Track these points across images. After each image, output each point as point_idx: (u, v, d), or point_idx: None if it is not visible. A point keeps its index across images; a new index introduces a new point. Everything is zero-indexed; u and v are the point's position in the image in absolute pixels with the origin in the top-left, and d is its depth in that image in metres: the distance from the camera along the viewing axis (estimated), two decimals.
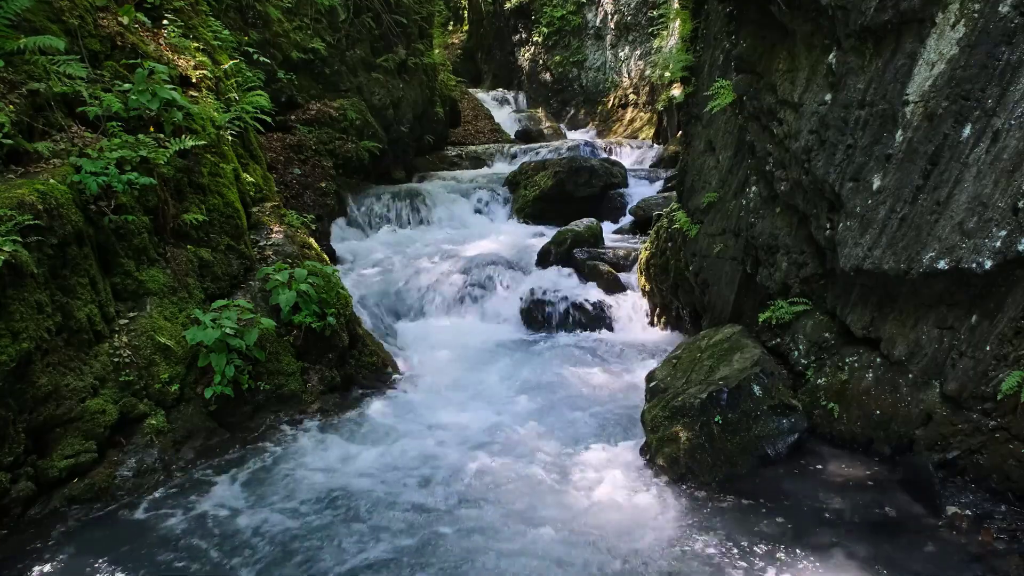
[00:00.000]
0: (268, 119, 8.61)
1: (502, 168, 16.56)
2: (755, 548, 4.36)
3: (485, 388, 7.25)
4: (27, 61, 5.47)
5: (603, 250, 10.76)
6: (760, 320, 6.35)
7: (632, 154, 18.17)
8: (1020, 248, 4.43)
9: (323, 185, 11.67)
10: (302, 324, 6.64)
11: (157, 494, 5.11)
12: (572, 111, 25.21)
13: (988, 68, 4.51)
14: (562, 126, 23.62)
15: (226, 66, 8.23)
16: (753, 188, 6.78)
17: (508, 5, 26.28)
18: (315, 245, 8.13)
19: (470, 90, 23.83)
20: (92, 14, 6.36)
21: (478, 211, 14.00)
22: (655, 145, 18.79)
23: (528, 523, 4.73)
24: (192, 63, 7.27)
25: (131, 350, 5.47)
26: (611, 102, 24.14)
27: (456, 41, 29.97)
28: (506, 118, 23.11)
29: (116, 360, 5.35)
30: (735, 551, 4.34)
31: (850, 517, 4.64)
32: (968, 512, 4.50)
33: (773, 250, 6.43)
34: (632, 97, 23.40)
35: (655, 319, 9.17)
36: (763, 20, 6.10)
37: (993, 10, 4.48)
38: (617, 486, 5.17)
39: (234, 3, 11.42)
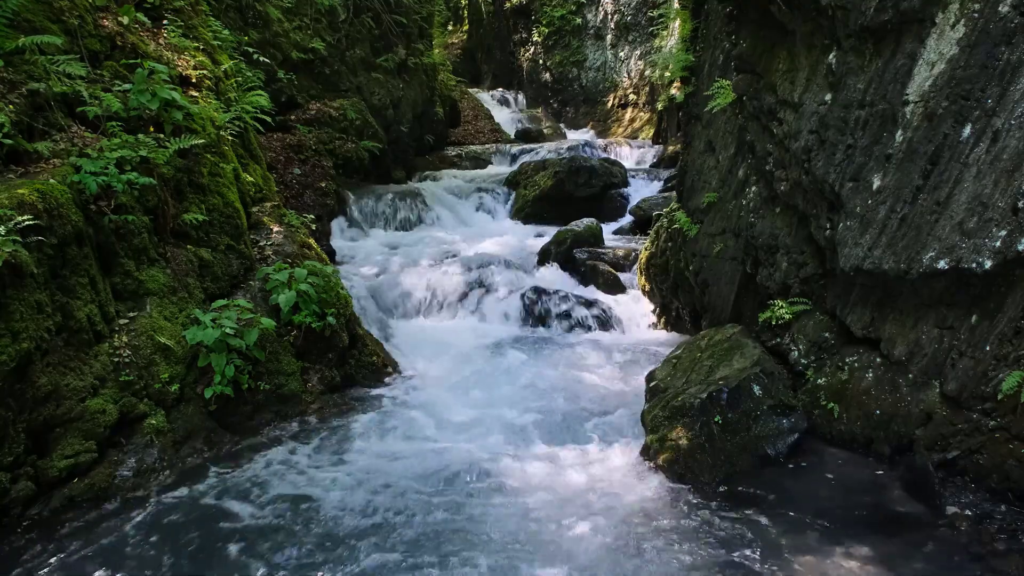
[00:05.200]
0: (268, 119, 8.61)
1: (502, 168, 16.58)
2: (755, 548, 4.36)
3: (485, 388, 7.25)
4: (27, 61, 5.47)
5: (603, 250, 10.76)
6: (760, 320, 6.35)
7: (632, 154, 18.19)
8: (1020, 248, 4.43)
9: (323, 185, 11.68)
10: (302, 324, 6.64)
11: (157, 494, 5.11)
12: (572, 111, 25.21)
13: (988, 68, 4.51)
14: (562, 126, 23.63)
15: (226, 66, 8.23)
16: (753, 188, 6.78)
17: (508, 5, 26.28)
18: (315, 245, 8.13)
19: (470, 90, 23.85)
20: (92, 14, 6.37)
21: (478, 211, 14.02)
22: (655, 145, 18.79)
23: (526, 523, 4.73)
24: (192, 63, 7.27)
25: (131, 350, 5.47)
26: (611, 102, 24.14)
27: (456, 41, 29.98)
28: (506, 118, 23.13)
29: (116, 360, 5.35)
30: (735, 551, 4.34)
31: (850, 517, 4.64)
32: (968, 512, 4.50)
33: (773, 250, 6.43)
34: (632, 97, 23.40)
35: (655, 319, 9.17)
36: (763, 20, 6.10)
37: (993, 10, 4.48)
38: (617, 486, 5.17)
39: (234, 3, 11.43)
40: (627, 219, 13.06)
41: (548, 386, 7.22)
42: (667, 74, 16.52)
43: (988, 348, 4.67)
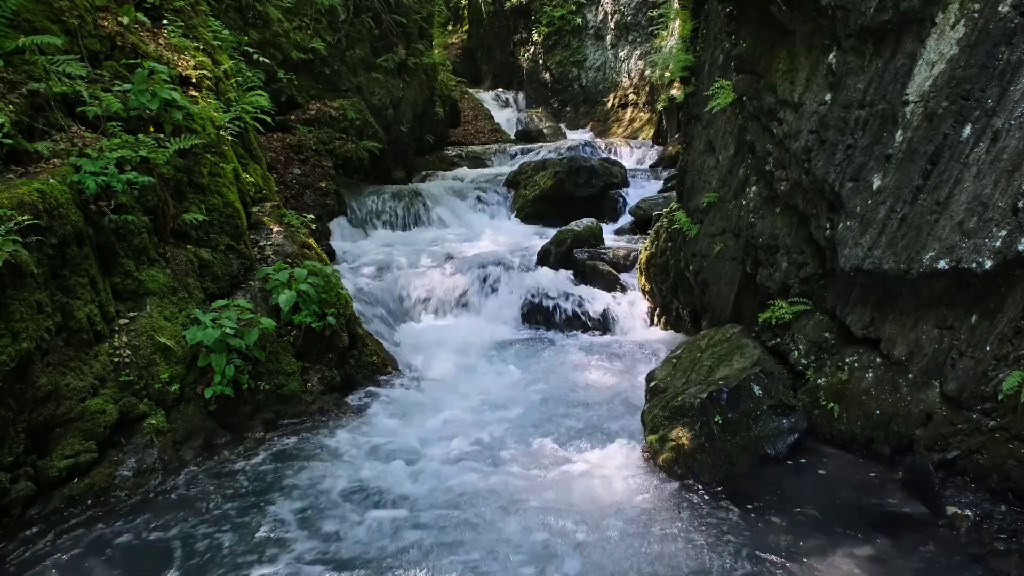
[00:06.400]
0: (268, 119, 8.61)
1: (502, 168, 16.57)
2: (755, 548, 4.36)
3: (485, 388, 7.25)
4: (27, 61, 5.46)
5: (603, 250, 10.76)
6: (760, 320, 6.35)
7: (632, 154, 18.18)
8: (1020, 248, 4.43)
9: (323, 185, 11.68)
10: (302, 324, 6.64)
11: (157, 494, 5.11)
12: (572, 111, 25.21)
13: (988, 68, 4.51)
14: (562, 126, 23.62)
15: (226, 66, 8.23)
16: (753, 188, 6.78)
17: (508, 5, 26.28)
18: (315, 245, 8.13)
19: (470, 90, 23.84)
20: (92, 14, 6.36)
21: (478, 211, 14.01)
22: (655, 145, 18.79)
23: (525, 524, 4.73)
24: (192, 63, 7.27)
25: (131, 350, 5.47)
26: (611, 102, 24.14)
27: (456, 41, 29.97)
28: (506, 118, 23.13)
29: (116, 360, 5.35)
30: (735, 551, 4.34)
31: (850, 517, 4.64)
32: (968, 512, 4.50)
33: (773, 250, 6.43)
34: (632, 97, 23.40)
35: (655, 319, 9.17)
36: (763, 20, 6.10)
37: (993, 10, 4.48)
38: (617, 486, 5.17)
39: (234, 3, 11.44)
40: (627, 219, 13.05)
41: (547, 386, 7.22)
42: (667, 74, 16.52)
43: (988, 348, 4.67)
